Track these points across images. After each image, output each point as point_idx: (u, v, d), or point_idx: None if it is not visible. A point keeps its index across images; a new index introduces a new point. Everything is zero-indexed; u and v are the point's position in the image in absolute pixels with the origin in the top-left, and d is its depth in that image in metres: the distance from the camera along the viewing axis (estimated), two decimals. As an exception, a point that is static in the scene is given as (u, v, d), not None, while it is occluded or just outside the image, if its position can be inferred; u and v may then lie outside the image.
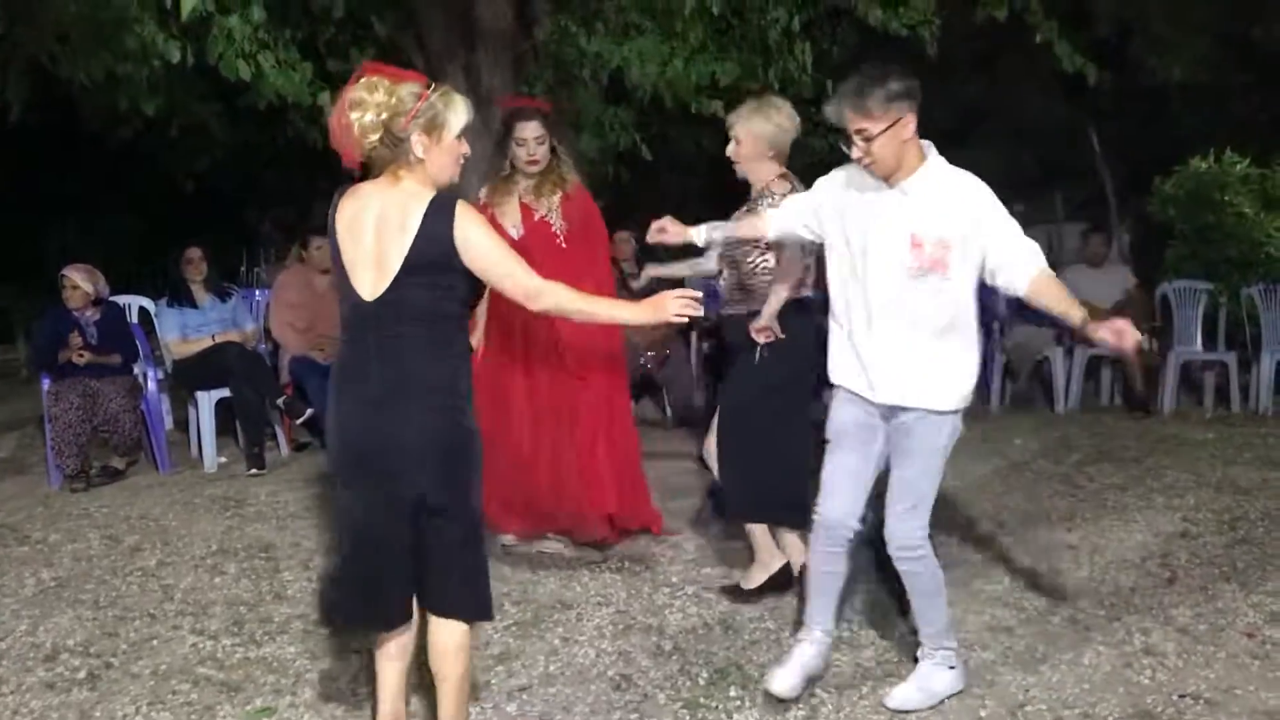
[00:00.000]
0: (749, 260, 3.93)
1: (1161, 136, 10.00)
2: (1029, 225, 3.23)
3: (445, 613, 2.73)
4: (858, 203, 3.12)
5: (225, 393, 6.31)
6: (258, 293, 7.73)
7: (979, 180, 3.10)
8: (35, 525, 5.20)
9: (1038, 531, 4.86)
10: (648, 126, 7.12)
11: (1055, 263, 9.20)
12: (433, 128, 2.58)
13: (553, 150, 4.44)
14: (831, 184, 3.25)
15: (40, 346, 6.24)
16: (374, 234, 2.58)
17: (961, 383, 3.12)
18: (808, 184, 3.48)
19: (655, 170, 6.61)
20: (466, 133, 2.69)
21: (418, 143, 2.58)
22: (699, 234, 3.73)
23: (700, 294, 2.82)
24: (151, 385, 6.36)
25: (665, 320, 2.75)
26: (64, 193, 11.95)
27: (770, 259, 3.88)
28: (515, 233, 4.36)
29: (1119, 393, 7.75)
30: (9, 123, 6.36)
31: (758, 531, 4.09)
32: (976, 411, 7.37)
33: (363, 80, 2.57)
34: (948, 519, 5.04)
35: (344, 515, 2.74)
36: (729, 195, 4.16)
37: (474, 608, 2.76)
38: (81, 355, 5.93)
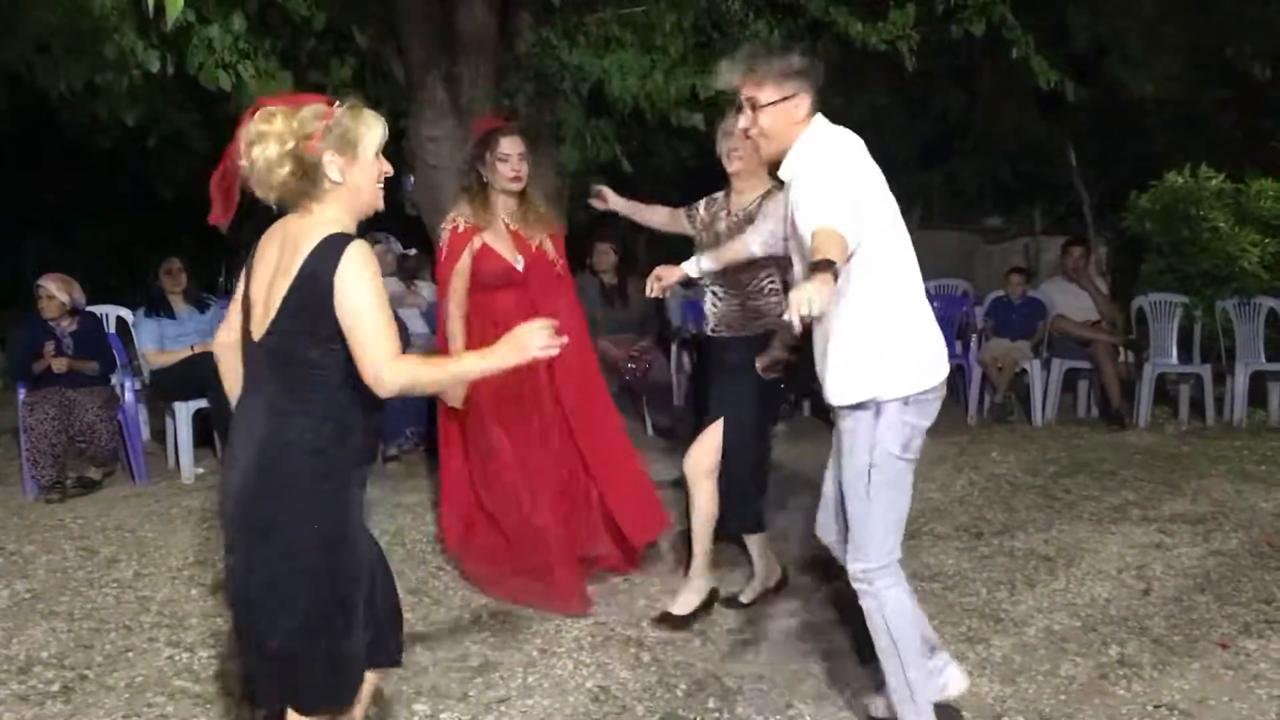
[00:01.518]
0: (754, 282, 3.88)
1: (1137, 152, 10.12)
2: (1008, 238, 3.25)
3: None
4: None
5: (203, 403, 6.26)
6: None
7: (841, 140, 2.82)
8: (10, 536, 5.15)
9: (1014, 543, 4.89)
10: (628, 139, 7.13)
11: (1033, 275, 9.24)
12: (345, 145, 2.29)
13: None
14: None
15: (16, 356, 6.19)
16: (272, 269, 2.32)
17: (861, 375, 2.80)
18: None
19: (635, 182, 6.59)
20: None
21: (331, 164, 2.29)
22: (691, 267, 3.60)
23: (555, 324, 2.37)
24: (129, 395, 6.31)
25: (530, 360, 2.33)
26: (41, 202, 11.89)
27: (776, 280, 3.85)
28: (519, 264, 4.24)
29: (1095, 405, 7.82)
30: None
31: (758, 543, 4.14)
32: (955, 424, 7.48)
33: (258, 113, 2.30)
34: (926, 530, 5.07)
35: None
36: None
37: (265, 690, 2.52)
38: (59, 360, 5.89)
